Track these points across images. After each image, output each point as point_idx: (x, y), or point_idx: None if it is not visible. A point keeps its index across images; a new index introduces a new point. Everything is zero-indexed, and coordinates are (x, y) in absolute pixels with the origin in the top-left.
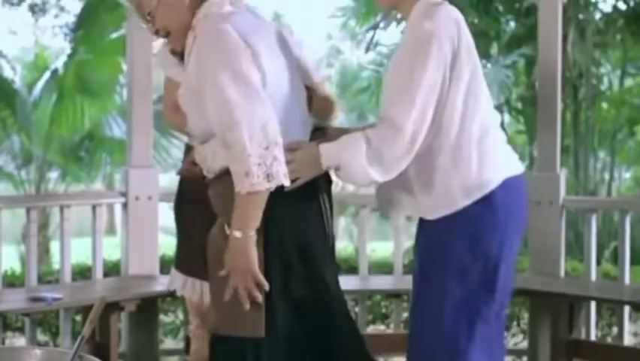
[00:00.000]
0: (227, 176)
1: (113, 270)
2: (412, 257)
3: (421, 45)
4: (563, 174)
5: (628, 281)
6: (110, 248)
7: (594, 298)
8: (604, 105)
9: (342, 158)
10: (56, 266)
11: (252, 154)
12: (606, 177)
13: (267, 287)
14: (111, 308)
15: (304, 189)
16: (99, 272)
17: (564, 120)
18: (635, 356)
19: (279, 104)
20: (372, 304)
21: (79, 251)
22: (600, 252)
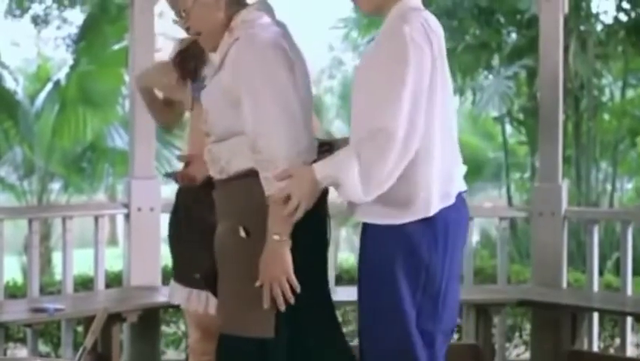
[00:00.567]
0: (242, 180)
1: (115, 281)
2: None
3: (400, 50)
4: (564, 185)
5: (630, 292)
6: (112, 259)
7: (596, 310)
8: (605, 116)
9: (339, 175)
10: (58, 277)
11: (287, 158)
12: (608, 188)
13: (298, 290)
14: (113, 319)
15: None
16: (101, 283)
17: (566, 131)
18: None
19: None
20: None
21: (81, 262)
22: (602, 263)
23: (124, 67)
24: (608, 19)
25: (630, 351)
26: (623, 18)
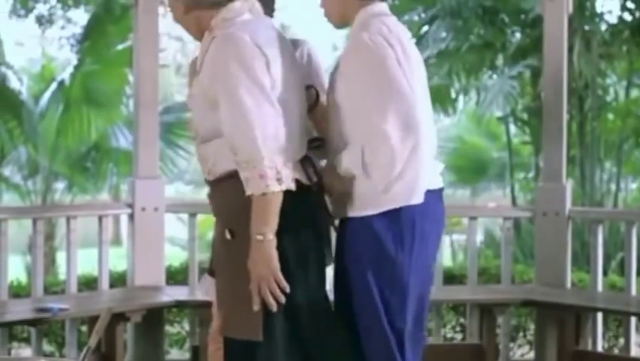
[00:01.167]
0: (228, 181)
1: (118, 281)
2: None
3: (363, 55)
4: (569, 185)
5: (634, 292)
6: (116, 259)
7: (601, 310)
8: (610, 116)
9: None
10: (62, 277)
11: (265, 157)
12: (612, 188)
13: (287, 290)
14: (117, 319)
15: (299, 198)
16: (105, 283)
17: (570, 131)
18: None
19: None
20: None
21: (85, 262)
22: (607, 263)
23: (128, 67)
24: (612, 18)
25: (634, 351)
26: (627, 18)
